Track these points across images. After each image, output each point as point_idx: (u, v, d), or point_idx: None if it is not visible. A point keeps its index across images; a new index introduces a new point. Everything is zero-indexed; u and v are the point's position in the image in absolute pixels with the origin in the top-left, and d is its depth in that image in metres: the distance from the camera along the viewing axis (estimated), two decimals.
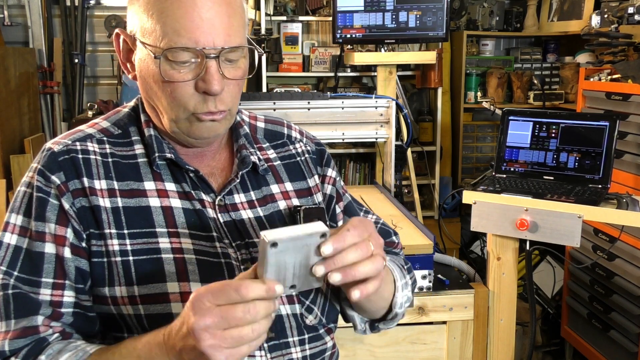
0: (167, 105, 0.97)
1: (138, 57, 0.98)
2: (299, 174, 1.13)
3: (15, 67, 3.57)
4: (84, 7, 3.97)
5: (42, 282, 0.93)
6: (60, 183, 0.95)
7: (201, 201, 1.01)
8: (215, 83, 0.93)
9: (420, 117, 4.15)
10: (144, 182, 1.00)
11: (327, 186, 1.17)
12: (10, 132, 3.49)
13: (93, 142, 1.01)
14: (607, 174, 1.96)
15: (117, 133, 1.03)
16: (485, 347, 1.95)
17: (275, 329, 0.98)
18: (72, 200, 0.95)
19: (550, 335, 3.32)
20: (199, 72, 0.93)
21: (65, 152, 0.98)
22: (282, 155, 1.14)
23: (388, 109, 2.56)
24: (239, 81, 0.99)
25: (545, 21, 4.19)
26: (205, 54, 0.92)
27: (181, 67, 0.93)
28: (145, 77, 0.98)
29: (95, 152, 1.00)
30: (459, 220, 4.02)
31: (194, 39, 0.91)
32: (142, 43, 0.95)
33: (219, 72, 0.93)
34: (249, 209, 1.04)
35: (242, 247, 1.01)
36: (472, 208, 1.92)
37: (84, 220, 0.95)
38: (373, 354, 1.90)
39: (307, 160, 1.16)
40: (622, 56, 2.81)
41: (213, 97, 0.95)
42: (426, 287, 1.89)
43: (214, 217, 1.01)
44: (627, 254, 2.57)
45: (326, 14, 4.02)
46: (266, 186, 1.08)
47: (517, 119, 2.12)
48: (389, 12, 3.02)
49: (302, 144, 1.18)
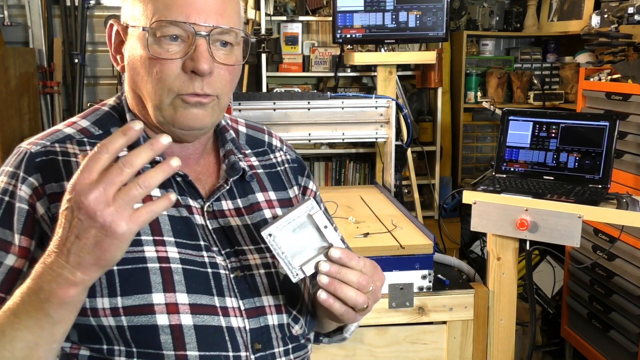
0: (152, 90, 0.92)
1: (128, 44, 0.95)
2: (280, 183, 1.11)
3: (15, 67, 3.56)
4: (84, 7, 3.97)
5: None
6: (38, 185, 0.90)
7: (188, 207, 0.97)
8: (204, 61, 0.89)
9: (420, 117, 4.15)
10: None
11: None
12: (10, 132, 3.49)
13: (73, 143, 0.95)
14: (607, 174, 1.96)
15: (97, 134, 0.98)
16: (485, 347, 1.95)
17: (262, 340, 0.96)
18: (48, 205, 0.89)
19: (550, 335, 3.32)
20: (188, 50, 0.90)
21: (43, 154, 0.92)
22: (264, 163, 1.12)
23: (388, 109, 2.56)
24: (230, 69, 0.95)
25: (545, 21, 4.19)
26: (196, 31, 0.90)
27: (170, 45, 0.90)
28: (133, 62, 0.94)
29: (76, 155, 0.94)
30: (459, 220, 4.02)
31: (185, 13, 0.89)
32: (133, 27, 0.93)
33: (209, 52, 0.90)
34: (237, 217, 1.01)
35: (231, 254, 0.98)
36: (472, 208, 1.92)
37: None
38: (373, 354, 1.90)
39: (287, 170, 1.14)
40: (622, 56, 2.81)
41: (200, 77, 0.91)
42: (426, 287, 1.89)
43: (202, 223, 0.98)
44: (627, 254, 2.57)
45: (326, 14, 4.02)
46: (252, 194, 1.05)
47: (517, 119, 2.12)
48: (389, 12, 3.02)
49: (282, 152, 1.16)
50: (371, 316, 1.86)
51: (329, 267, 0.88)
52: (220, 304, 0.93)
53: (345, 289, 0.89)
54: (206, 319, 0.92)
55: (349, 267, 0.90)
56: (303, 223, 0.89)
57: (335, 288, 0.89)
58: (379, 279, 0.95)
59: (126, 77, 0.98)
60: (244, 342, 0.94)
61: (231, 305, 0.94)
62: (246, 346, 0.94)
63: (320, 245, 0.90)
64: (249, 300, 0.96)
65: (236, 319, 0.94)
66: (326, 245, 0.90)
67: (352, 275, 0.89)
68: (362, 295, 0.90)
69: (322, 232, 0.90)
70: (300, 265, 0.90)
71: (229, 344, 0.92)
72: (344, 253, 0.89)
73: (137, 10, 0.93)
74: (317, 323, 1.11)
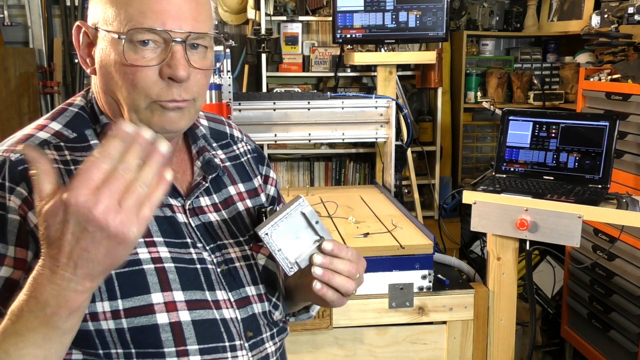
0: (127, 95, 0.91)
1: (99, 47, 0.93)
2: (246, 174, 1.14)
3: (15, 67, 3.56)
4: (84, 7, 3.97)
5: None
6: (27, 195, 0.87)
7: (170, 207, 0.98)
8: (182, 68, 0.90)
9: (420, 117, 4.15)
10: None
11: (270, 187, 1.20)
12: (10, 132, 3.45)
13: (51, 149, 0.93)
14: (607, 174, 1.96)
15: (72, 137, 0.96)
16: (485, 347, 1.95)
17: (252, 328, 1.02)
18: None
19: (550, 335, 3.32)
20: (165, 57, 0.90)
21: (24, 162, 0.89)
22: (229, 155, 1.14)
23: (388, 109, 2.56)
24: (205, 72, 0.96)
25: (545, 21, 4.20)
26: (172, 37, 0.89)
27: (145, 51, 0.90)
28: (106, 67, 0.92)
29: (57, 161, 0.92)
30: (459, 220, 4.02)
31: (160, 20, 0.89)
32: (105, 31, 0.91)
33: (185, 58, 0.91)
34: (215, 212, 1.04)
35: (215, 249, 1.01)
36: (472, 208, 1.93)
37: None
38: (373, 354, 1.90)
39: (249, 160, 1.17)
40: (622, 56, 2.81)
41: (178, 84, 0.91)
42: (426, 287, 1.89)
43: (185, 221, 1.00)
44: (627, 254, 2.57)
45: (326, 14, 4.02)
46: (225, 188, 1.08)
47: (517, 119, 2.12)
48: (389, 12, 3.02)
49: (244, 143, 1.19)
50: (371, 316, 1.87)
51: (322, 260, 0.96)
52: (212, 298, 0.97)
53: (337, 278, 0.97)
54: (202, 314, 0.95)
55: (340, 258, 0.98)
56: (295, 219, 0.97)
57: (328, 278, 0.97)
58: (362, 265, 1.03)
59: (97, 80, 0.96)
60: (238, 331, 0.99)
61: (222, 297, 0.99)
62: (240, 335, 0.99)
63: (312, 239, 0.98)
64: (236, 292, 1.01)
65: (228, 310, 0.99)
66: (317, 238, 0.98)
67: (343, 265, 0.97)
68: (351, 282, 0.99)
69: (313, 227, 0.98)
70: (295, 259, 0.98)
71: (224, 334, 0.97)
72: (335, 245, 0.97)
73: (109, 14, 0.91)
74: (288, 304, 1.19)
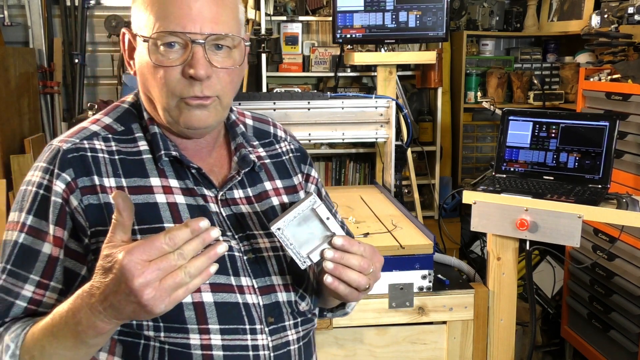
0: (158, 93, 1.01)
1: (137, 51, 1.03)
2: (285, 172, 1.20)
3: (15, 67, 3.56)
4: (84, 7, 3.97)
5: (30, 278, 0.98)
6: (71, 180, 0.99)
7: (203, 197, 1.06)
8: (200, 67, 0.97)
9: (420, 117, 4.15)
10: (150, 178, 1.04)
11: (311, 185, 1.26)
12: (10, 132, 3.49)
13: (99, 140, 1.04)
14: (607, 174, 1.96)
15: (120, 130, 1.07)
16: (485, 347, 1.95)
17: (274, 314, 1.06)
18: (81, 197, 0.98)
19: (550, 335, 3.32)
20: (187, 57, 0.98)
21: (74, 150, 1.01)
22: (270, 154, 1.21)
23: (388, 109, 2.56)
24: (230, 71, 1.02)
25: (545, 21, 4.20)
26: (192, 39, 0.97)
27: (171, 53, 0.98)
28: (142, 68, 1.03)
29: (103, 150, 1.03)
30: (459, 220, 4.02)
31: (181, 24, 0.97)
32: (139, 36, 1.01)
33: (205, 58, 0.98)
34: (248, 205, 1.11)
35: (243, 238, 1.07)
36: (472, 208, 1.92)
37: (91, 217, 0.98)
38: (373, 354, 1.90)
39: (291, 159, 1.24)
40: (622, 56, 2.81)
41: (199, 82, 0.99)
42: (426, 287, 1.89)
43: (217, 211, 1.06)
44: (627, 254, 2.57)
45: (326, 14, 4.02)
46: (260, 183, 1.15)
47: (517, 119, 2.12)
48: (389, 12, 3.02)
49: (287, 142, 1.25)
50: (371, 316, 1.87)
51: (333, 254, 0.98)
52: (236, 283, 1.03)
53: (348, 273, 0.99)
54: (224, 297, 1.01)
55: (351, 253, 0.99)
56: (307, 216, 1.00)
57: (339, 272, 0.99)
58: (379, 260, 1.05)
59: (138, 80, 1.06)
60: (259, 316, 1.04)
61: (246, 283, 1.04)
62: (261, 319, 1.04)
63: (324, 234, 1.00)
64: (261, 280, 1.06)
65: (251, 295, 1.04)
66: (329, 234, 1.00)
67: (354, 260, 0.99)
68: (363, 277, 1.00)
69: (325, 223, 1.00)
70: (307, 253, 1.00)
71: (245, 318, 1.03)
72: (345, 240, 0.99)
73: (142, 20, 1.01)
74: (322, 300, 1.22)
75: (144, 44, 1.00)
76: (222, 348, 1.00)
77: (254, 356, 1.03)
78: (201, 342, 0.99)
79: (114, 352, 1.02)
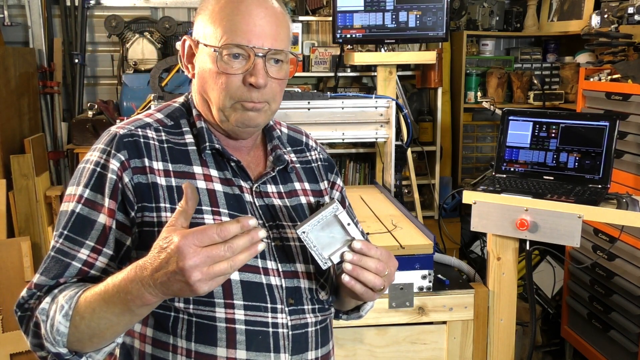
0: (217, 96, 1.15)
1: (199, 57, 1.17)
2: (314, 177, 1.33)
3: (15, 67, 3.56)
4: (84, 7, 3.97)
5: (85, 244, 1.10)
6: (124, 160, 1.12)
7: (240, 187, 1.19)
8: (261, 77, 1.12)
9: (420, 117, 4.15)
10: (193, 166, 1.17)
11: (336, 192, 1.38)
12: (10, 132, 3.48)
13: (151, 130, 1.18)
14: (607, 174, 1.96)
15: (170, 124, 1.21)
16: (485, 347, 1.95)
17: (295, 297, 1.17)
18: (132, 176, 1.12)
19: (550, 335, 3.32)
20: (249, 67, 1.12)
21: (129, 135, 1.15)
22: (301, 160, 1.34)
23: (388, 109, 2.56)
24: (280, 81, 1.17)
25: (545, 21, 4.20)
26: (255, 52, 1.12)
27: (234, 62, 1.13)
28: (203, 73, 1.17)
29: (154, 139, 1.17)
30: (459, 220, 4.02)
31: (247, 38, 1.12)
32: (204, 45, 1.15)
33: (264, 69, 1.13)
34: (279, 199, 1.23)
35: (273, 227, 1.19)
36: (472, 208, 1.93)
37: (139, 193, 1.11)
38: (373, 354, 1.90)
39: (319, 167, 1.37)
40: (622, 56, 2.81)
41: (257, 89, 1.13)
42: (426, 287, 1.89)
43: (251, 201, 1.19)
44: (627, 254, 2.57)
45: (326, 14, 4.02)
46: (291, 182, 1.27)
47: (517, 119, 2.12)
48: (389, 12, 3.02)
49: (317, 152, 1.39)
50: (371, 316, 1.87)
51: (352, 257, 1.09)
52: (262, 265, 1.14)
53: (365, 274, 1.09)
54: (250, 276, 1.12)
55: (369, 256, 1.10)
56: (330, 221, 1.10)
57: (357, 273, 1.09)
58: (393, 264, 1.15)
59: (195, 83, 1.20)
60: (280, 296, 1.15)
61: (271, 267, 1.15)
62: (282, 300, 1.15)
63: (344, 238, 1.10)
64: (286, 265, 1.17)
65: (274, 278, 1.15)
66: (349, 238, 1.10)
67: (371, 263, 1.09)
68: (379, 279, 1.10)
69: (345, 228, 1.10)
70: (329, 255, 1.10)
71: (267, 297, 1.13)
72: (364, 245, 1.10)
73: (208, 31, 1.15)
74: (339, 302, 1.32)
75: (208, 52, 1.14)
76: (244, 322, 1.11)
77: (273, 332, 1.14)
78: (226, 315, 1.10)
79: (147, 324, 1.13)
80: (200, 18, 1.18)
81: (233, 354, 1.11)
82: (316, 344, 1.20)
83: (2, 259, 3.04)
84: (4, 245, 3.09)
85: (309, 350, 1.18)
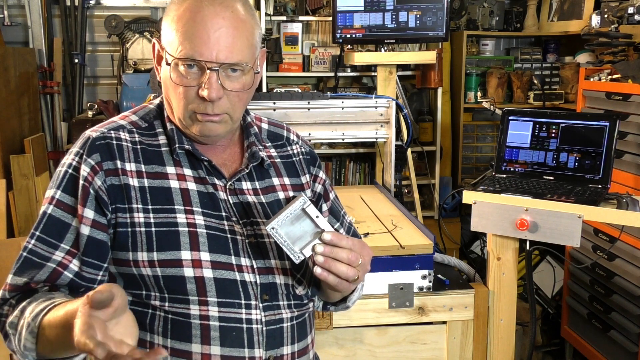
0: (176, 105, 1.17)
1: (163, 62, 1.17)
2: (294, 171, 1.33)
3: (15, 67, 3.56)
4: (84, 7, 3.97)
5: (60, 247, 1.13)
6: (95, 163, 1.14)
7: (214, 185, 1.20)
8: (213, 91, 1.11)
9: (420, 117, 4.15)
10: (167, 167, 1.18)
11: (318, 185, 1.37)
12: (10, 132, 3.48)
13: (124, 132, 1.20)
14: (607, 174, 1.96)
15: (144, 126, 1.23)
16: (485, 347, 1.95)
17: (269, 293, 1.18)
18: (104, 178, 1.13)
19: (550, 335, 3.32)
20: (202, 80, 1.12)
21: (102, 138, 1.17)
22: (281, 154, 1.33)
23: (388, 109, 2.56)
24: (239, 93, 1.16)
25: (545, 21, 4.19)
26: (207, 67, 1.11)
27: (190, 74, 1.13)
28: (166, 79, 1.17)
29: (127, 140, 1.19)
30: (459, 220, 4.02)
31: (199, 52, 1.10)
32: (165, 52, 1.16)
33: (217, 83, 1.12)
34: (254, 195, 1.23)
35: (247, 224, 1.20)
36: (472, 208, 1.92)
37: (112, 195, 1.13)
38: (373, 354, 1.90)
39: (301, 160, 1.36)
40: (622, 56, 2.81)
41: (211, 102, 1.13)
42: (426, 287, 1.89)
43: (225, 198, 1.20)
44: (627, 254, 2.57)
45: (326, 14, 4.02)
46: (268, 178, 1.27)
47: (517, 119, 2.12)
48: (389, 12, 3.02)
49: (298, 146, 1.38)
50: (371, 316, 1.87)
51: (323, 249, 1.09)
52: (236, 262, 1.16)
53: (337, 265, 1.09)
54: (224, 273, 1.14)
55: (340, 247, 1.10)
56: (299, 215, 1.10)
57: (329, 265, 1.09)
58: (367, 254, 1.15)
59: (162, 86, 1.21)
60: (254, 293, 1.16)
61: (245, 263, 1.17)
62: (256, 296, 1.16)
63: (315, 231, 1.10)
64: (261, 261, 1.18)
65: (249, 274, 1.16)
66: (319, 230, 1.10)
67: (343, 253, 1.09)
68: (352, 269, 1.10)
69: (315, 221, 1.10)
70: (300, 249, 1.10)
71: (241, 293, 1.15)
72: (334, 236, 1.10)
73: (169, 37, 1.15)
74: (324, 294, 1.32)
75: (169, 59, 1.14)
76: (218, 319, 1.13)
77: (247, 328, 1.15)
78: (200, 312, 1.12)
79: None
80: (164, 22, 1.17)
81: (207, 349, 1.13)
82: (292, 339, 1.21)
83: (2, 259, 3.04)
84: (4, 245, 3.09)
85: (285, 345, 1.19)
